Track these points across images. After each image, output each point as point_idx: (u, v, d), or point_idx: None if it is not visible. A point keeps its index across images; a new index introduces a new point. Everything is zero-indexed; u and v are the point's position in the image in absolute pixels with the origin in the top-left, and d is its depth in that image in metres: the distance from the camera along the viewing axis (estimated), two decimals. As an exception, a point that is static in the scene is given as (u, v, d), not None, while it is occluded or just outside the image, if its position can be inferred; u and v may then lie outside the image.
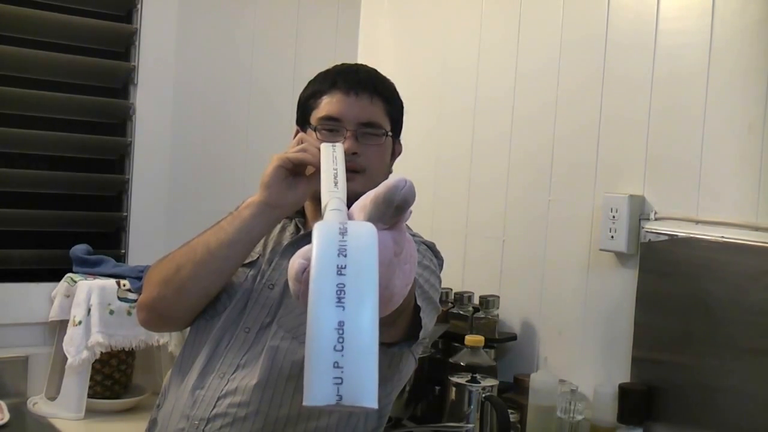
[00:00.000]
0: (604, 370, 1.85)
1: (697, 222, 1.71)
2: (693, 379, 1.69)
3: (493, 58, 2.22)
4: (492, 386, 1.82)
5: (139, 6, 2.24)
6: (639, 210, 1.82)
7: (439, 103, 2.37)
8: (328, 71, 1.49)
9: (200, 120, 2.37)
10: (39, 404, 2.00)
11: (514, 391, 1.95)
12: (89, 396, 1.99)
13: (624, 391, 1.76)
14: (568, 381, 1.87)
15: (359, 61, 2.76)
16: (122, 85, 2.28)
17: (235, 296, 1.42)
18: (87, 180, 2.25)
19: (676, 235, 1.74)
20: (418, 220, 2.34)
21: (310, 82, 1.51)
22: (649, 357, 1.78)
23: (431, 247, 1.47)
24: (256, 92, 2.45)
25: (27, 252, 2.18)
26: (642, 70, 1.82)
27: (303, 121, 1.49)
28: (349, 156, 1.38)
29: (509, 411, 1.76)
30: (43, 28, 2.14)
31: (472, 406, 1.80)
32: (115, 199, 2.30)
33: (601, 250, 1.87)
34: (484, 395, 1.79)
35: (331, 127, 1.42)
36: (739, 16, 1.66)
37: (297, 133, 1.51)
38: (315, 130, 1.43)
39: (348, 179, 1.38)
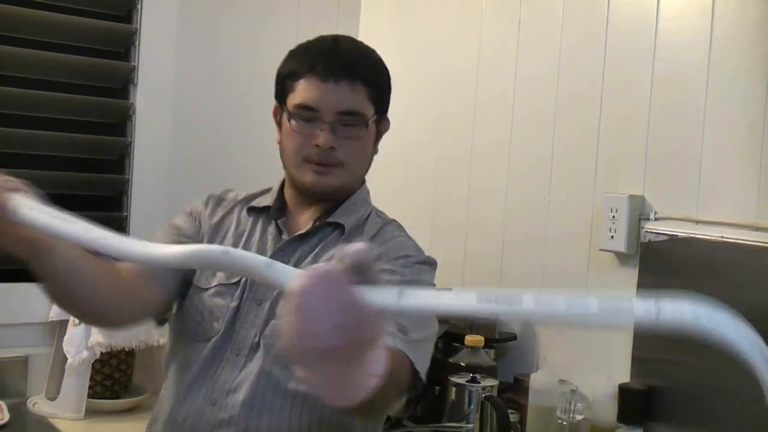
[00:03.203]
0: (604, 370, 1.85)
1: (697, 222, 1.71)
2: (693, 379, 1.69)
3: (494, 58, 2.21)
4: (492, 386, 1.82)
5: (139, 6, 2.24)
6: (639, 210, 1.82)
7: (439, 102, 2.37)
8: (308, 49, 1.38)
9: (200, 120, 2.37)
10: (39, 404, 2.00)
11: (514, 391, 1.95)
12: (89, 396, 1.99)
13: (624, 391, 1.76)
14: (568, 381, 1.87)
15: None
16: (122, 85, 2.28)
17: (223, 318, 1.34)
18: (87, 180, 2.25)
19: (676, 235, 1.74)
20: (419, 220, 2.34)
21: (289, 56, 1.40)
22: (649, 357, 1.78)
23: (429, 262, 1.40)
24: (255, 92, 2.45)
25: (27, 252, 2.18)
26: (642, 70, 1.82)
27: (281, 99, 1.41)
28: (326, 150, 1.33)
29: (509, 411, 1.76)
30: (43, 28, 2.13)
31: (472, 406, 1.80)
32: (115, 199, 2.30)
33: (601, 250, 1.87)
34: (484, 395, 1.79)
35: (308, 117, 1.34)
36: (739, 16, 1.66)
37: (276, 110, 1.43)
38: (290, 118, 1.35)
39: (325, 173, 1.38)
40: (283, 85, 1.38)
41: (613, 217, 1.82)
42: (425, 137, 2.36)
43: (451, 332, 2.05)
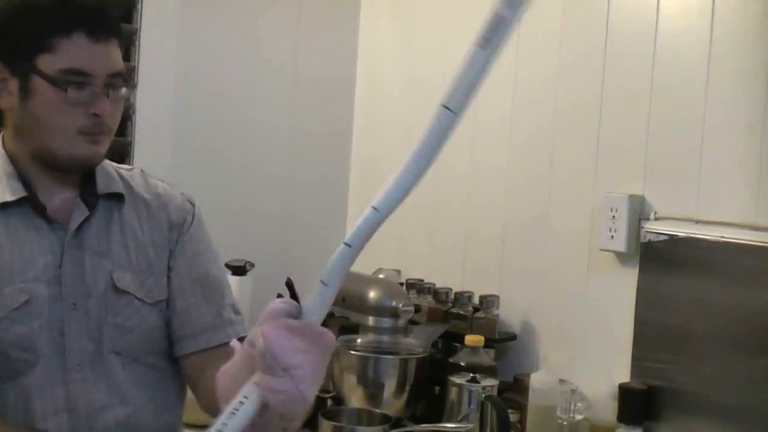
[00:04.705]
0: (604, 370, 1.85)
1: (697, 222, 1.71)
2: (693, 379, 1.69)
3: (493, 58, 2.21)
4: (492, 386, 1.82)
5: (139, 6, 2.24)
6: (639, 210, 1.82)
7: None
8: None
9: (200, 119, 2.37)
10: (39, 404, 2.00)
11: (514, 391, 1.95)
12: (89, 396, 1.98)
13: (624, 391, 1.76)
14: (568, 381, 1.87)
15: (359, 62, 2.73)
16: (122, 85, 2.28)
17: (35, 344, 1.14)
18: (87, 180, 2.25)
19: (676, 235, 1.74)
20: (419, 219, 2.34)
21: (22, 4, 1.14)
22: (649, 357, 1.78)
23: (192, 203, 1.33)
24: (255, 92, 2.45)
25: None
26: (642, 69, 1.82)
27: (13, 55, 1.14)
28: (103, 118, 1.16)
29: (509, 411, 1.76)
30: (43, 27, 2.14)
31: (472, 406, 1.80)
32: (115, 198, 2.30)
33: (601, 250, 1.87)
34: (484, 395, 1.79)
35: (79, 83, 1.13)
36: (739, 16, 1.66)
37: None
38: (57, 85, 1.12)
39: (98, 142, 1.17)
40: (25, 40, 1.13)
41: (613, 216, 1.82)
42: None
43: (451, 332, 2.05)
